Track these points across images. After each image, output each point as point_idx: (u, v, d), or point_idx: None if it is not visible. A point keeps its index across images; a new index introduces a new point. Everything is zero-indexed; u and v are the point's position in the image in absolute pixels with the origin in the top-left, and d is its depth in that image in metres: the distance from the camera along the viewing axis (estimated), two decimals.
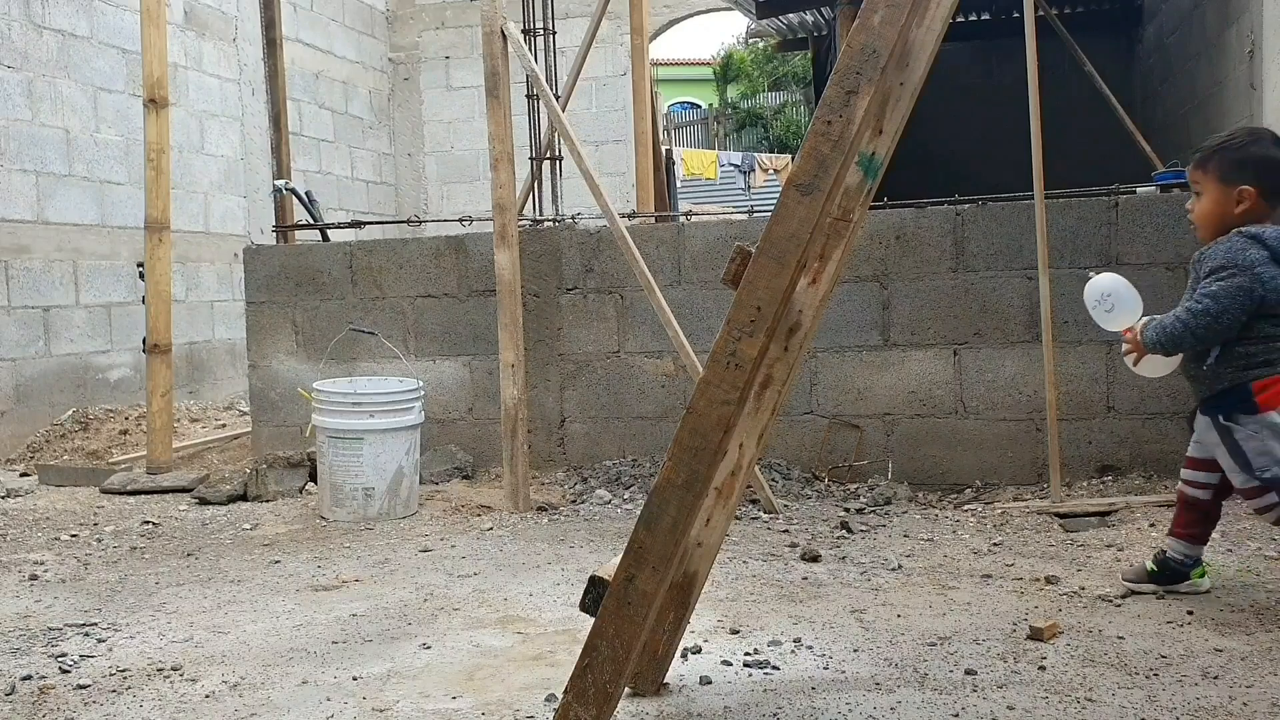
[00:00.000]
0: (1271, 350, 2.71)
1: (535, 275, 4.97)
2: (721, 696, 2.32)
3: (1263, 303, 2.67)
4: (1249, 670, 2.39)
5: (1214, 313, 2.67)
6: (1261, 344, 2.70)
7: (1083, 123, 7.00)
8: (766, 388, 2.10)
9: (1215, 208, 2.81)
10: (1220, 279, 2.69)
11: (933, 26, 1.99)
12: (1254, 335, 2.70)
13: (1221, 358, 2.74)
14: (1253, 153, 2.77)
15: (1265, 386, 2.69)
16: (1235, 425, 2.73)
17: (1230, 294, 2.66)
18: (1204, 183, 2.84)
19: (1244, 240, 2.71)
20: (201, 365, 7.86)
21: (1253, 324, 2.69)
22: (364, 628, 2.91)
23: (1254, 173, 2.75)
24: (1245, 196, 2.75)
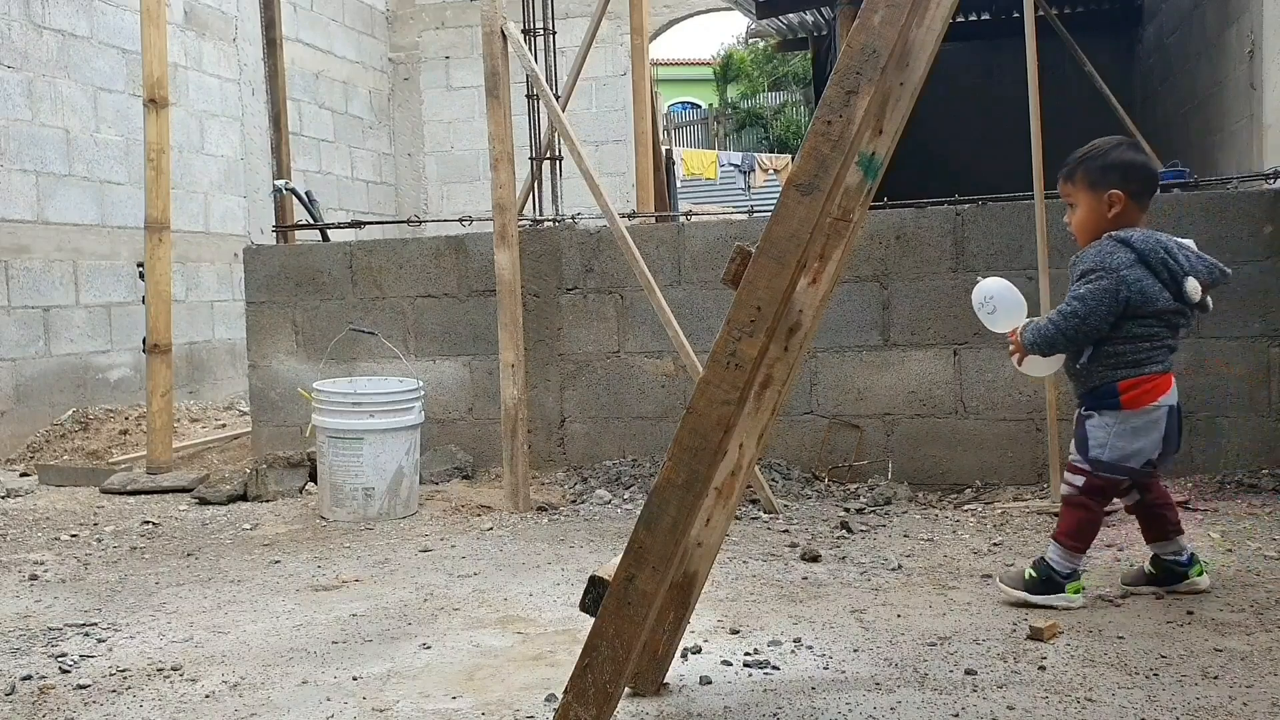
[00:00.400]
0: (1139, 351, 2.82)
1: (535, 275, 4.97)
2: (721, 696, 2.32)
3: (1128, 304, 2.77)
4: (1249, 670, 2.39)
5: (1082, 315, 2.77)
6: (1129, 344, 2.81)
7: (1083, 123, 6.98)
8: (766, 388, 2.10)
9: (1089, 215, 2.91)
10: (1089, 282, 2.79)
11: (933, 26, 1.99)
12: (1122, 336, 2.81)
13: (1093, 357, 2.85)
14: (1115, 158, 2.88)
15: (1130, 386, 2.82)
16: (1092, 415, 2.87)
17: (1097, 297, 2.76)
18: (1075, 194, 2.94)
19: (1113, 244, 2.81)
20: (201, 365, 7.87)
21: (1121, 325, 2.79)
22: (364, 628, 2.91)
23: (1120, 176, 2.85)
24: (1115, 200, 2.85)
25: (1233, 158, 6.08)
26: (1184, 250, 2.82)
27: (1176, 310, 2.81)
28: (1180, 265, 2.78)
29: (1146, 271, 2.77)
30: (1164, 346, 2.85)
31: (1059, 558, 2.89)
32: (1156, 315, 2.80)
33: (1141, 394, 2.82)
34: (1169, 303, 2.79)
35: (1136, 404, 2.82)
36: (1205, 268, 2.82)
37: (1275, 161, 5.07)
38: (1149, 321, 2.80)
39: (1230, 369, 4.30)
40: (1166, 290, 2.78)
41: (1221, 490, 4.12)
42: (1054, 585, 2.87)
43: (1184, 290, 2.78)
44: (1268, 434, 4.27)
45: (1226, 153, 6.24)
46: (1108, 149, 2.90)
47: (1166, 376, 2.86)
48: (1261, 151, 5.46)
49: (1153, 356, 2.83)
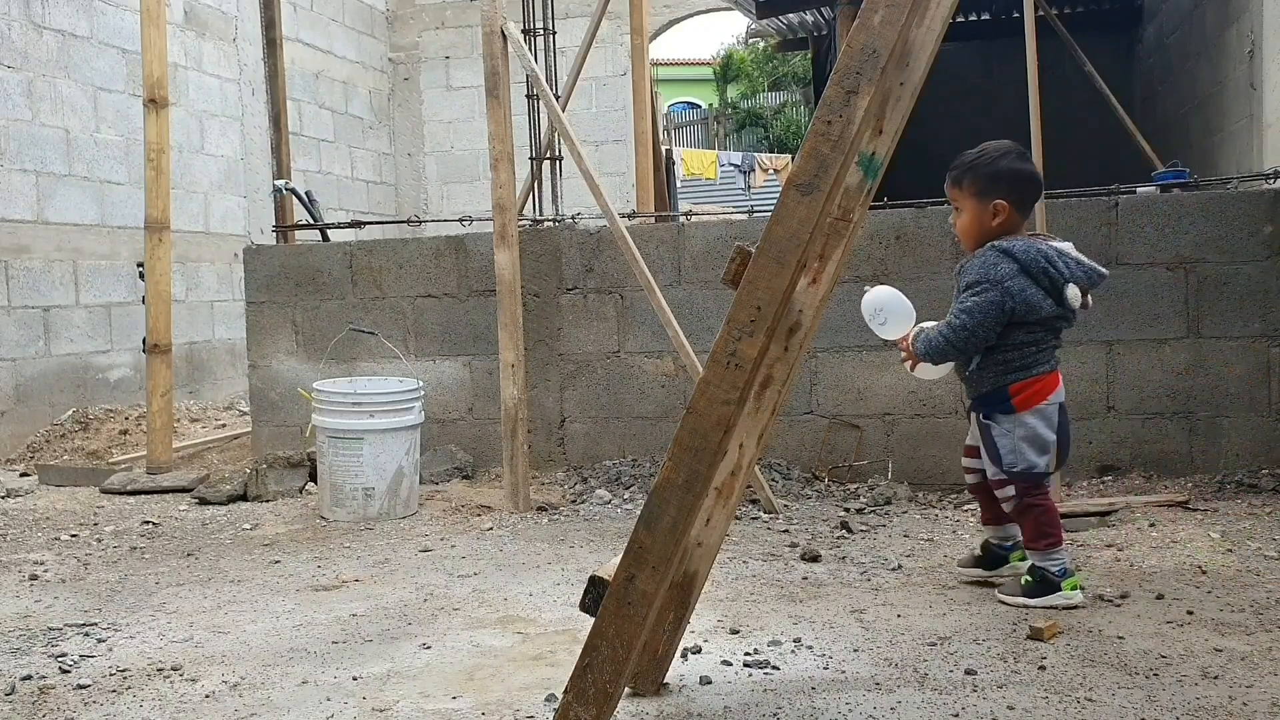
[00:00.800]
0: (1026, 356, 2.94)
1: (535, 275, 4.97)
2: (721, 696, 2.32)
3: (1014, 314, 2.88)
4: (1249, 670, 2.39)
5: (970, 327, 2.89)
6: (1016, 351, 2.93)
7: (1083, 123, 7.00)
8: (766, 388, 2.10)
9: (974, 222, 3.00)
10: (975, 294, 2.90)
11: (933, 26, 1.99)
12: (1009, 343, 2.93)
13: (983, 364, 2.97)
14: (1003, 167, 2.96)
15: (1021, 389, 2.95)
16: (993, 423, 2.99)
17: (983, 309, 2.88)
18: (961, 199, 3.03)
19: (996, 255, 2.91)
20: (201, 365, 7.87)
21: (1008, 332, 2.91)
22: (364, 628, 2.91)
23: (1006, 186, 2.95)
24: (1000, 210, 2.95)
25: (1233, 158, 6.08)
26: (1064, 257, 2.92)
27: (1059, 316, 2.93)
28: (1061, 273, 2.89)
29: (1029, 281, 2.88)
30: (1049, 349, 2.98)
31: (1043, 561, 2.94)
32: (1040, 322, 2.92)
33: (1032, 395, 2.95)
34: (1052, 309, 2.90)
35: (1028, 404, 2.95)
36: (1084, 273, 2.93)
37: (1275, 161, 5.07)
38: (1034, 328, 2.92)
39: (1230, 368, 4.30)
40: (1049, 297, 2.89)
41: (1221, 490, 4.12)
42: (1050, 586, 2.91)
43: (1065, 297, 2.89)
44: (1268, 434, 4.27)
45: (1226, 153, 6.24)
46: (997, 157, 2.98)
47: (1054, 376, 2.98)
48: (1261, 151, 5.46)
49: (1039, 359, 2.95)
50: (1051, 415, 2.97)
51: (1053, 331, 2.98)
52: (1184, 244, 4.33)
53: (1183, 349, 4.35)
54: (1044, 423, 2.96)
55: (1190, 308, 4.33)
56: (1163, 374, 4.36)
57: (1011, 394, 2.95)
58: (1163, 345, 4.36)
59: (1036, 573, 2.94)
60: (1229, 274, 4.29)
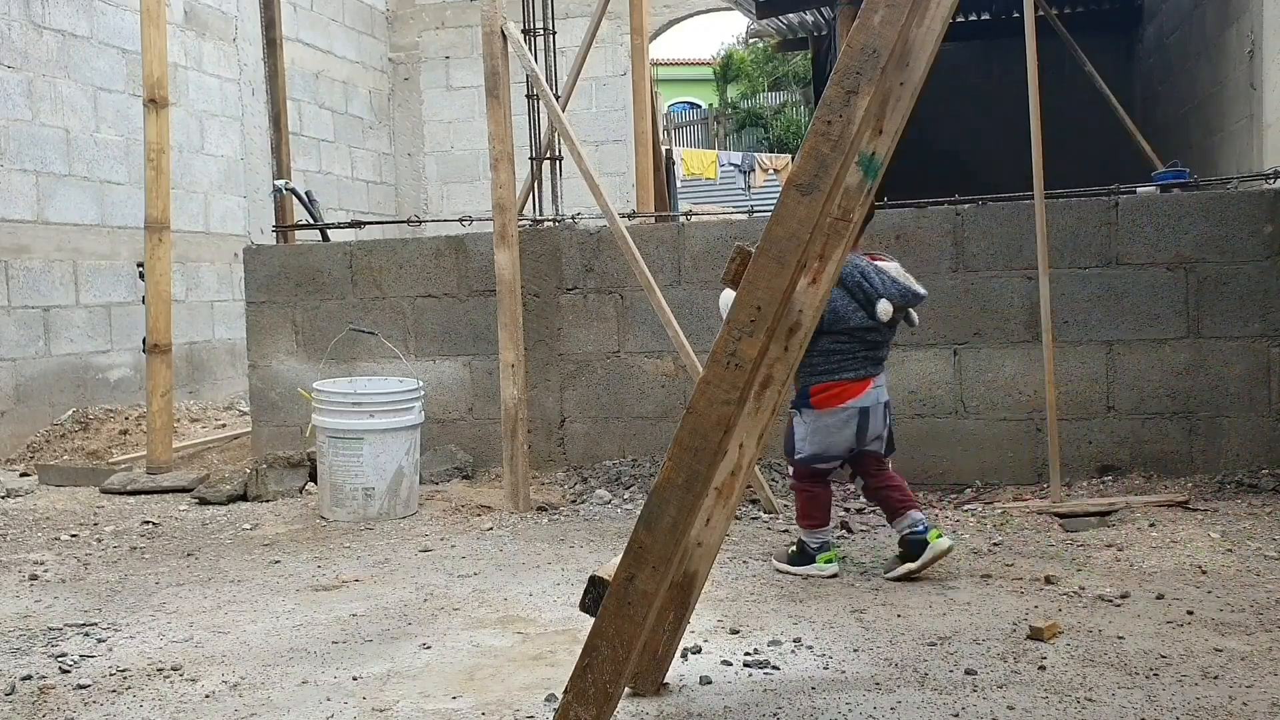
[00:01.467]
0: (829, 361, 3.27)
1: (535, 275, 4.97)
2: (721, 696, 2.32)
3: (824, 322, 3.13)
4: (1249, 670, 2.39)
5: None
6: (822, 357, 3.25)
7: (1083, 123, 6.99)
8: (766, 388, 2.10)
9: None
10: None
11: (933, 26, 1.99)
12: (817, 349, 3.22)
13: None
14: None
15: (820, 390, 3.29)
16: (795, 413, 3.37)
17: None
18: None
19: None
20: (201, 365, 7.86)
21: (818, 339, 3.13)
22: (364, 628, 2.91)
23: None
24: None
25: (1233, 158, 6.08)
26: (881, 275, 3.26)
27: (870, 327, 3.25)
28: (875, 289, 3.22)
29: (843, 293, 3.20)
30: (856, 358, 3.28)
31: (806, 536, 3.35)
32: (849, 332, 3.24)
33: (830, 397, 3.27)
34: (862, 321, 3.23)
35: (825, 405, 3.28)
36: (899, 291, 3.26)
37: (1275, 161, 5.07)
38: (840, 337, 3.24)
39: (1230, 368, 4.31)
40: (862, 310, 3.22)
41: (1221, 490, 4.12)
42: (808, 558, 3.33)
43: (876, 310, 3.21)
44: (1268, 434, 4.27)
45: (1226, 153, 6.24)
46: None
47: (859, 383, 3.29)
48: (1261, 151, 5.45)
49: (844, 366, 3.27)
50: (849, 419, 3.28)
51: (863, 343, 3.27)
52: (1184, 244, 4.33)
53: (1183, 349, 4.34)
54: (836, 424, 3.28)
55: (1190, 308, 4.33)
56: (1163, 374, 4.36)
57: (811, 394, 3.29)
58: (1163, 345, 4.36)
59: (800, 545, 3.36)
60: (1229, 274, 4.29)
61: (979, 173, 6.37)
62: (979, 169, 6.80)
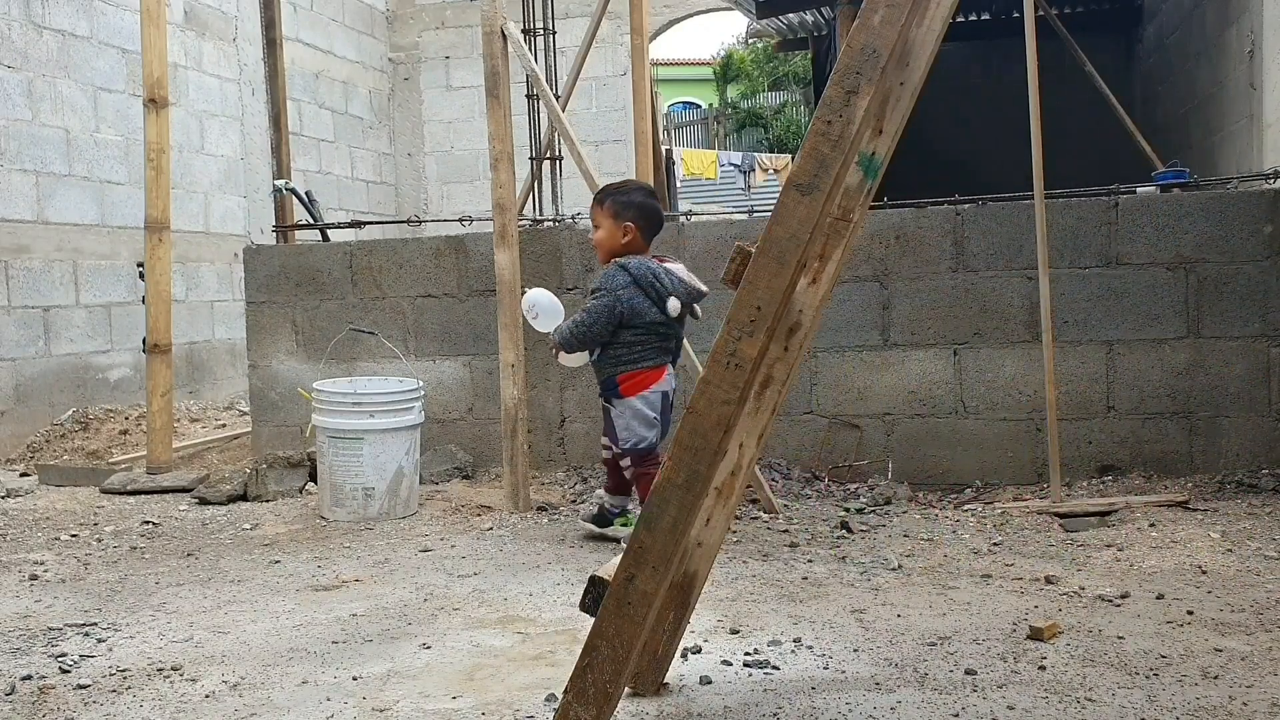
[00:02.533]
0: (633, 351, 3.63)
1: (535, 275, 4.97)
2: (721, 696, 2.32)
3: (623, 317, 3.57)
4: (1249, 670, 2.39)
5: (588, 324, 3.60)
6: (625, 348, 3.63)
7: (1083, 123, 6.99)
8: (766, 387, 2.10)
9: (609, 238, 3.69)
10: (595, 299, 3.61)
11: (933, 26, 1.99)
12: (620, 341, 3.62)
13: (602, 356, 3.67)
14: (635, 199, 3.69)
15: (627, 379, 3.65)
16: (611, 406, 3.70)
17: (599, 311, 3.58)
18: (601, 218, 3.70)
19: (616, 269, 3.61)
20: (201, 365, 7.86)
21: (619, 332, 3.60)
22: (364, 628, 2.91)
23: (636, 214, 3.66)
24: (629, 231, 3.65)
25: (1233, 158, 6.08)
26: (670, 275, 3.61)
27: (662, 322, 3.62)
28: (665, 287, 3.57)
29: (639, 292, 3.57)
30: (652, 348, 3.65)
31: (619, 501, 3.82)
32: (645, 326, 3.60)
33: (637, 383, 3.65)
34: (657, 316, 3.59)
35: (633, 391, 3.64)
36: (684, 289, 3.63)
37: (1275, 161, 5.07)
38: (640, 330, 3.60)
39: (1230, 368, 4.31)
40: (655, 307, 3.57)
41: (1221, 490, 4.12)
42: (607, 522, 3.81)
43: (667, 307, 3.57)
44: (1268, 434, 4.27)
45: (1226, 153, 6.24)
46: (633, 190, 3.72)
47: (658, 369, 3.67)
48: (1261, 151, 5.46)
49: (644, 355, 3.64)
50: (654, 400, 3.67)
51: (657, 335, 3.64)
52: (1184, 244, 4.33)
53: (1183, 349, 4.35)
54: (647, 406, 3.65)
55: (1190, 308, 4.33)
56: (1163, 374, 4.36)
57: (619, 382, 3.65)
58: (1163, 345, 4.36)
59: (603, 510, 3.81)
60: (1229, 274, 4.29)
61: (979, 173, 6.37)
62: (979, 169, 6.80)
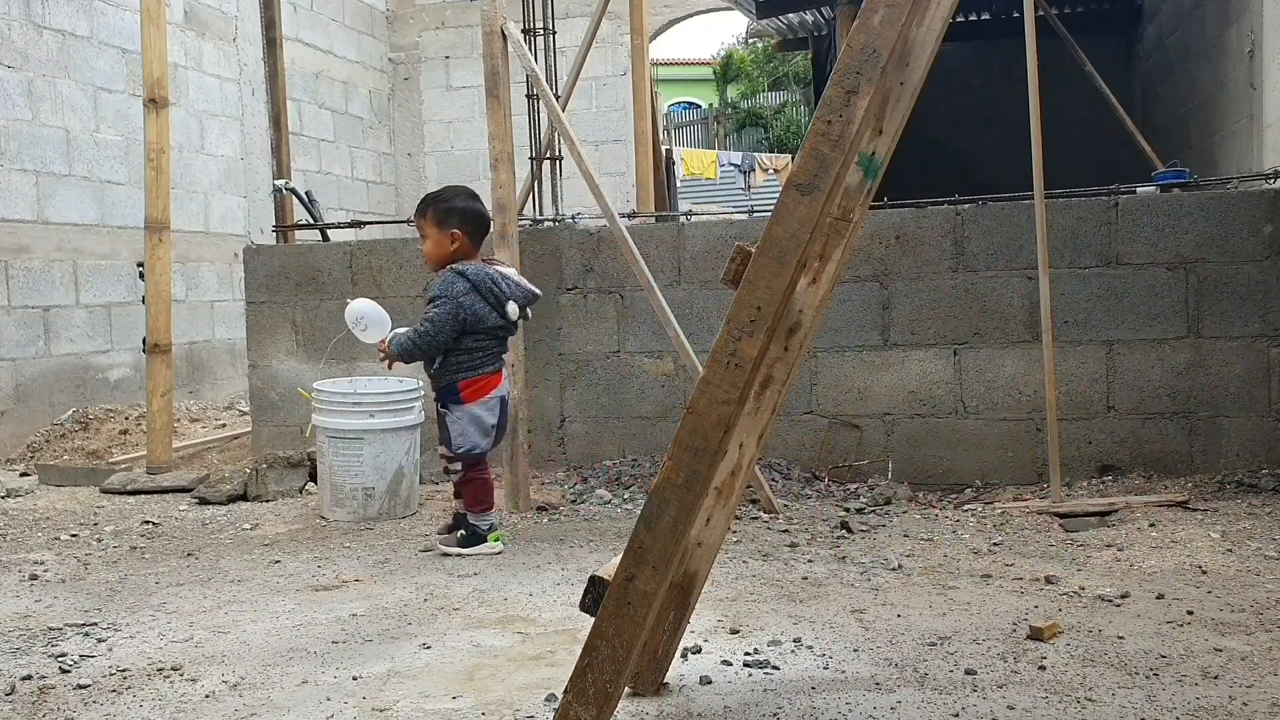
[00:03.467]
0: (474, 358, 3.67)
1: (535, 275, 4.96)
2: (721, 696, 2.32)
3: (466, 324, 3.60)
4: (1249, 670, 2.39)
5: (432, 333, 3.59)
6: (466, 355, 3.66)
7: (1083, 123, 6.99)
8: (766, 387, 2.10)
9: (436, 248, 3.71)
10: (436, 306, 3.60)
11: (933, 26, 1.99)
12: (462, 348, 3.65)
13: (443, 363, 3.67)
14: (459, 205, 3.71)
15: (468, 385, 3.68)
16: (447, 412, 3.70)
17: (443, 319, 3.58)
18: (426, 228, 3.73)
19: (454, 275, 3.63)
20: (201, 365, 7.86)
21: (461, 339, 3.63)
22: (364, 628, 2.91)
23: (460, 220, 3.69)
24: (456, 238, 3.68)
25: (1233, 158, 6.08)
26: (506, 280, 3.68)
27: (502, 326, 3.69)
28: (504, 291, 3.64)
29: (479, 298, 3.61)
30: (491, 354, 3.71)
31: (476, 520, 3.70)
32: (487, 331, 3.66)
33: (478, 390, 3.69)
34: (497, 321, 3.66)
35: (474, 397, 3.67)
36: (522, 293, 3.71)
37: (1275, 161, 5.07)
38: (481, 336, 3.65)
39: (1230, 368, 4.31)
40: (495, 311, 3.64)
41: (1221, 490, 4.12)
42: (479, 539, 3.69)
43: (506, 311, 3.65)
44: (1268, 434, 4.27)
45: (1226, 153, 6.24)
46: (454, 197, 3.73)
47: (497, 375, 3.74)
48: (1261, 151, 5.45)
49: (485, 361, 3.69)
50: (493, 407, 3.72)
51: (497, 339, 3.71)
52: (1184, 244, 4.33)
53: (1183, 349, 4.35)
54: (486, 412, 3.69)
55: (1190, 308, 4.33)
56: (1163, 374, 4.36)
57: (461, 389, 3.66)
58: (1163, 345, 4.36)
59: (470, 529, 3.69)
60: (1229, 274, 4.29)
61: (979, 173, 6.37)
62: (979, 169, 6.80)
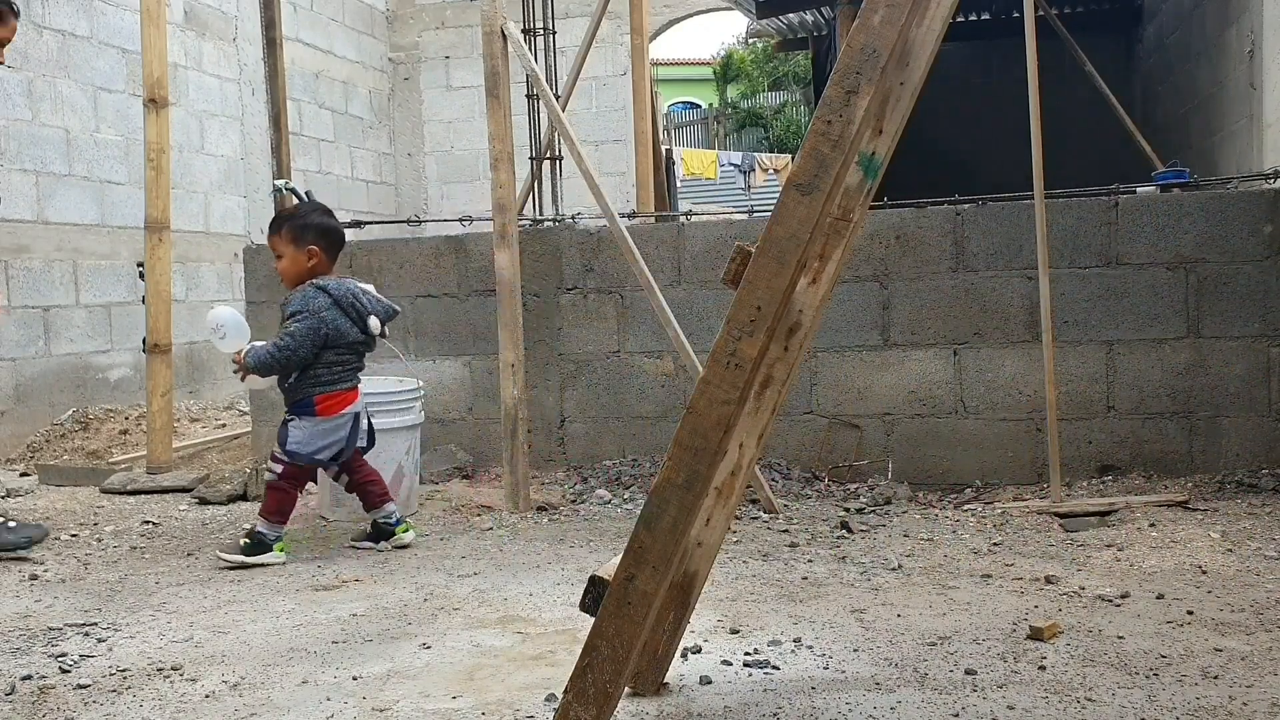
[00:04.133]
0: (333, 372, 3.69)
1: (535, 275, 4.97)
2: (721, 696, 2.32)
3: (328, 339, 3.63)
4: (1249, 670, 2.39)
5: (292, 347, 3.60)
6: (325, 369, 3.68)
7: (1083, 123, 7.00)
8: (766, 387, 2.10)
9: (293, 265, 3.73)
10: (298, 321, 3.61)
11: (933, 26, 1.99)
12: (322, 362, 3.67)
13: (299, 378, 3.68)
14: (314, 222, 3.74)
15: (324, 400, 3.69)
16: (295, 419, 3.69)
17: (304, 333, 3.60)
18: (280, 246, 3.76)
19: (315, 290, 3.65)
20: (201, 365, 7.86)
21: (321, 354, 3.65)
22: (364, 627, 2.91)
23: (316, 236, 3.72)
24: (313, 255, 3.71)
25: (1233, 158, 6.08)
26: (367, 295, 3.73)
27: (363, 341, 3.73)
28: (365, 306, 3.69)
29: (340, 313, 3.64)
30: (350, 369, 3.74)
31: (266, 529, 3.64)
32: (348, 346, 3.70)
33: (333, 405, 3.69)
34: (357, 336, 3.70)
35: (329, 413, 3.69)
36: (382, 309, 3.78)
37: (1275, 161, 5.07)
38: (342, 350, 3.69)
39: (1230, 368, 4.31)
40: (355, 327, 3.67)
41: (1221, 490, 4.12)
42: (264, 547, 3.61)
43: (367, 326, 3.69)
44: (1268, 434, 4.27)
45: (1226, 153, 6.24)
46: (308, 213, 3.76)
47: (353, 391, 3.75)
48: (1261, 151, 5.46)
49: (343, 377, 3.71)
50: (345, 423, 3.71)
51: (356, 354, 3.74)
52: (1184, 244, 4.33)
53: (1183, 349, 4.35)
54: (336, 427, 3.69)
55: (1190, 308, 4.33)
56: (1163, 374, 4.36)
57: (316, 403, 3.67)
58: (1163, 345, 4.36)
59: (256, 536, 3.62)
60: (1229, 274, 4.30)
61: (979, 173, 6.37)
62: (979, 169, 6.80)
